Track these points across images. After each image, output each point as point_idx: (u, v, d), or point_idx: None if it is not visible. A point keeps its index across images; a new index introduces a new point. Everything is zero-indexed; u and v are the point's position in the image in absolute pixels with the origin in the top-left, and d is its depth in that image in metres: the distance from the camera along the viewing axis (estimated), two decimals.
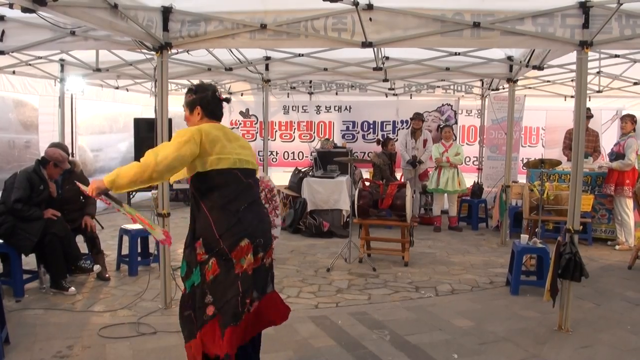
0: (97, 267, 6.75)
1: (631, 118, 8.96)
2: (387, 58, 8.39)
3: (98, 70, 8.97)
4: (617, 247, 9.02)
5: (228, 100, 4.04)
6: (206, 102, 3.82)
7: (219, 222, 3.54)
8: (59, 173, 6.43)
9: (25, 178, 6.13)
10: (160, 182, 3.86)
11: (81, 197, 6.80)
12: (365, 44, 5.50)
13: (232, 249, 3.52)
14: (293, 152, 13.63)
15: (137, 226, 7.40)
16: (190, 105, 3.84)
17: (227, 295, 3.52)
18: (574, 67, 7.01)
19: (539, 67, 7.41)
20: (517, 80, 9.02)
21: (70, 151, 7.12)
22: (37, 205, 6.20)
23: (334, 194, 10.30)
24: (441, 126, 11.59)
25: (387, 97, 12.97)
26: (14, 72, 8.87)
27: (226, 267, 3.53)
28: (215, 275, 3.54)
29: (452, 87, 12.58)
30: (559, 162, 8.26)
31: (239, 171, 3.64)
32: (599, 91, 10.64)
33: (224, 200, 3.56)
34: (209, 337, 3.54)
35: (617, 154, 8.91)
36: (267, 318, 3.89)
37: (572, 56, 5.68)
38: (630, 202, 8.82)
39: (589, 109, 9.75)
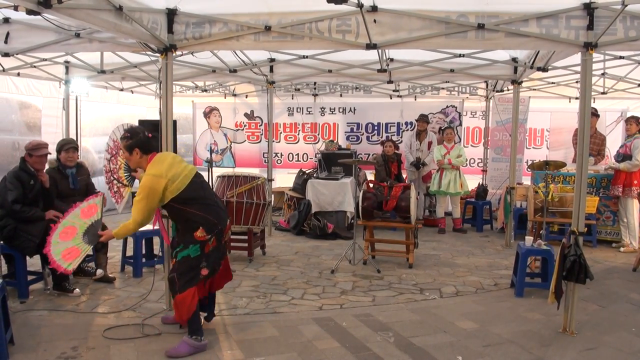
0: (99, 272, 6.78)
1: (636, 120, 8.93)
2: (392, 60, 8.39)
3: (103, 72, 9.00)
4: (621, 249, 8.99)
5: (154, 136, 5.07)
6: (141, 142, 4.82)
7: (210, 213, 4.82)
8: (44, 161, 6.35)
9: (14, 177, 6.13)
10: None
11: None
12: (370, 46, 5.50)
13: (223, 229, 4.91)
14: (297, 154, 13.63)
15: (142, 227, 7.41)
16: (129, 149, 4.80)
17: (216, 260, 4.94)
18: (578, 68, 6.98)
19: (544, 69, 7.40)
20: (521, 81, 9.01)
21: (76, 145, 7.17)
22: (34, 200, 6.21)
23: (338, 195, 10.30)
24: (442, 127, 11.56)
25: (391, 98, 12.96)
26: (18, 74, 8.90)
27: (218, 241, 4.89)
28: (214, 247, 4.86)
29: (456, 88, 12.58)
30: (563, 164, 8.24)
31: (195, 177, 4.85)
32: (603, 93, 10.64)
33: (202, 200, 4.82)
34: (200, 289, 4.98)
35: (624, 156, 8.88)
36: (224, 275, 5.34)
37: (576, 58, 5.67)
38: (635, 204, 8.80)
39: (595, 108, 9.76)
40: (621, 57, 8.20)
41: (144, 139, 4.83)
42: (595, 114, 9.81)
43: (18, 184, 6.09)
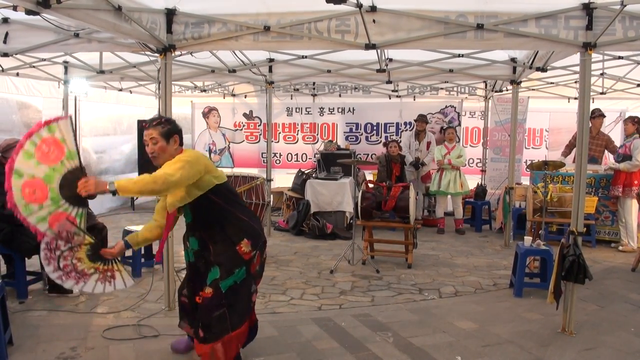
0: None
1: (632, 120, 8.96)
2: (391, 60, 8.39)
3: (102, 72, 8.99)
4: (620, 247, 9.01)
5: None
6: (180, 130, 4.15)
7: (253, 220, 4.18)
8: None
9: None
10: (161, 194, 3.92)
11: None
12: (369, 46, 5.50)
13: (266, 242, 4.28)
14: (296, 154, 13.64)
15: (141, 227, 7.40)
16: (166, 135, 4.01)
17: (260, 279, 4.32)
18: (577, 68, 6.97)
19: (543, 69, 7.40)
20: (520, 82, 9.02)
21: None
22: None
23: (337, 195, 10.30)
24: (444, 127, 11.56)
25: (390, 98, 12.97)
26: (17, 74, 8.90)
27: (262, 256, 4.23)
28: (259, 265, 4.19)
29: (455, 88, 12.58)
30: (562, 164, 8.25)
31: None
32: (602, 93, 10.65)
33: (242, 203, 4.21)
34: (252, 318, 4.43)
35: (624, 156, 8.89)
36: None
37: (575, 58, 5.67)
38: (634, 204, 8.81)
39: (599, 109, 9.77)
40: (620, 57, 8.20)
41: (180, 129, 4.15)
42: (601, 115, 9.80)
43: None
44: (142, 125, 3.98)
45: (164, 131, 3.99)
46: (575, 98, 10.85)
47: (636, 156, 8.64)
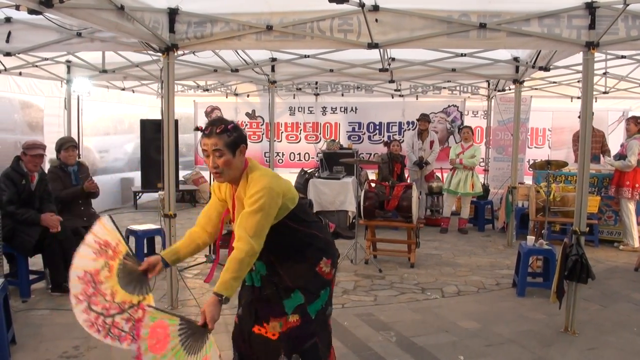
0: None
1: (634, 120, 8.95)
2: (393, 59, 8.38)
3: (104, 71, 9.00)
4: (620, 247, 9.00)
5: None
6: (246, 138, 3.39)
7: (325, 233, 3.56)
8: (37, 162, 6.30)
9: (6, 178, 6.12)
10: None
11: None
12: (371, 45, 5.49)
13: (339, 255, 3.72)
14: (299, 153, 13.63)
15: (144, 227, 7.44)
16: (233, 147, 3.22)
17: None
18: (580, 68, 6.98)
19: (545, 68, 7.39)
20: (523, 81, 9.01)
21: (76, 143, 7.23)
22: (28, 200, 6.21)
23: (339, 195, 10.29)
24: (460, 127, 11.53)
25: (393, 98, 12.96)
26: (20, 74, 8.90)
27: (334, 277, 3.58)
28: (333, 284, 3.60)
29: (458, 88, 12.58)
30: (565, 164, 8.24)
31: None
32: (605, 92, 10.63)
33: (314, 218, 3.58)
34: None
35: (621, 156, 8.90)
36: None
37: (578, 57, 5.67)
38: (631, 204, 8.80)
39: None
40: (623, 57, 8.18)
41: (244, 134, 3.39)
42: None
43: (10, 183, 6.08)
44: (199, 130, 3.37)
45: (230, 141, 3.21)
46: (578, 97, 10.83)
47: (630, 157, 8.66)
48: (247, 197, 3.17)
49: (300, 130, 13.58)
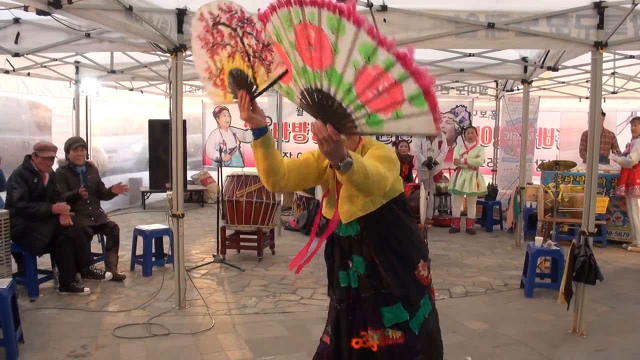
0: (108, 275, 6.80)
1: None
2: None
3: (113, 72, 9.04)
4: (629, 248, 8.97)
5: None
6: None
7: (420, 234, 3.24)
8: (48, 164, 6.33)
9: (18, 176, 6.15)
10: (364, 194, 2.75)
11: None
12: None
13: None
14: None
15: (152, 227, 7.47)
16: None
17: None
18: (588, 68, 6.97)
19: (554, 68, 7.37)
20: (531, 81, 8.99)
21: (85, 143, 7.27)
22: (39, 198, 6.22)
23: None
24: (464, 127, 11.52)
25: None
26: (28, 74, 8.94)
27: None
28: (433, 293, 3.22)
29: (466, 88, 12.56)
30: (573, 164, 8.21)
31: None
32: (614, 92, 10.60)
33: (410, 214, 3.19)
34: None
35: (627, 155, 8.90)
36: None
37: (586, 57, 5.65)
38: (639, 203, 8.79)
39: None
40: (631, 57, 8.16)
41: None
42: (602, 113, 9.76)
43: (22, 181, 6.12)
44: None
45: None
46: (587, 97, 10.78)
47: (631, 154, 8.67)
48: (368, 154, 2.83)
49: (308, 130, 13.56)
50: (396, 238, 3.00)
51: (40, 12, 4.08)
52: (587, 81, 10.04)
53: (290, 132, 13.60)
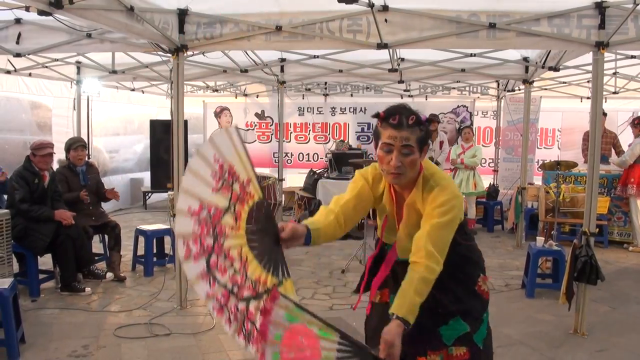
0: (109, 275, 6.81)
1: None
2: (403, 59, 8.37)
3: (114, 72, 9.02)
4: (630, 248, 8.96)
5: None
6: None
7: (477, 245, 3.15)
8: (48, 161, 6.36)
9: (19, 177, 6.16)
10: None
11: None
12: (381, 45, 5.48)
13: None
14: (308, 154, 13.61)
15: (153, 227, 7.46)
16: (422, 143, 2.62)
17: None
18: (590, 68, 6.96)
19: (555, 68, 7.36)
20: (533, 81, 8.98)
21: (85, 143, 7.27)
22: (40, 199, 6.24)
23: None
24: (460, 127, 11.51)
25: (402, 98, 12.89)
26: (30, 74, 8.93)
27: None
28: None
29: (467, 88, 12.54)
30: (575, 164, 8.21)
31: None
32: (615, 92, 10.57)
33: (468, 229, 3.13)
34: None
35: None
36: None
37: (588, 57, 5.65)
38: (639, 203, 8.79)
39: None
40: (633, 57, 8.14)
41: None
42: (603, 113, 9.77)
43: (23, 182, 6.13)
44: (379, 117, 2.63)
45: (421, 137, 2.61)
46: (588, 98, 10.78)
47: (627, 153, 8.69)
48: (432, 205, 2.61)
49: (309, 130, 13.55)
50: (455, 262, 2.79)
51: (41, 13, 4.09)
52: (588, 81, 10.01)
53: (291, 132, 13.58)
